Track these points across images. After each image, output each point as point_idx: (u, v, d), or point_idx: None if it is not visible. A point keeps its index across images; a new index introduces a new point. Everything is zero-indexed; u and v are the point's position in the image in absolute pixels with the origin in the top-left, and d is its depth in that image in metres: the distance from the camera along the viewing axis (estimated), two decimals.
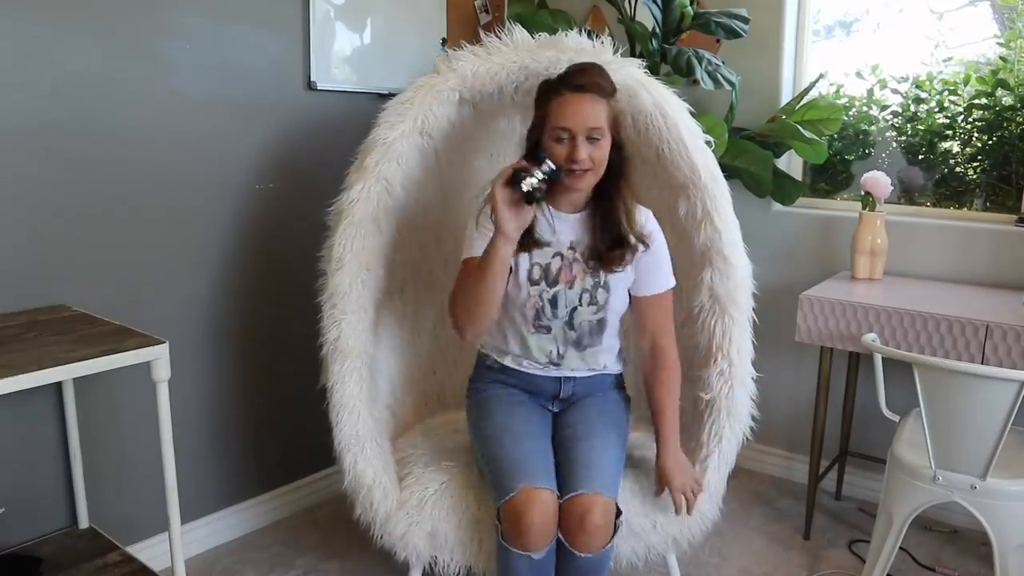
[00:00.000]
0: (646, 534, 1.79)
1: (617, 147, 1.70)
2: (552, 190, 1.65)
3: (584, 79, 1.64)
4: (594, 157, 1.64)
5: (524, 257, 1.75)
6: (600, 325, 1.79)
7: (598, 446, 1.74)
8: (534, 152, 1.67)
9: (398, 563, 1.85)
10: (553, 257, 1.75)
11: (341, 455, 1.82)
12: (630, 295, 1.82)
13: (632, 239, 1.73)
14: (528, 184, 1.53)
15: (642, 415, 2.18)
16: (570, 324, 1.78)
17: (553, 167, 1.57)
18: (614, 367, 1.90)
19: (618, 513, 1.66)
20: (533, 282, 1.75)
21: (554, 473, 1.69)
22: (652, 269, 1.79)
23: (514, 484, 1.62)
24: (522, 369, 1.84)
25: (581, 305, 1.76)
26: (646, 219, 1.79)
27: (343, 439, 1.81)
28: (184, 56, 2.05)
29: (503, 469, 1.68)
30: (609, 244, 1.73)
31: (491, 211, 1.58)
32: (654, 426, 1.81)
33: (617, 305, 1.79)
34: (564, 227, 1.76)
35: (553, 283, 1.75)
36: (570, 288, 1.76)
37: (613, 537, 1.65)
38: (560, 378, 1.84)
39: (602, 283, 1.76)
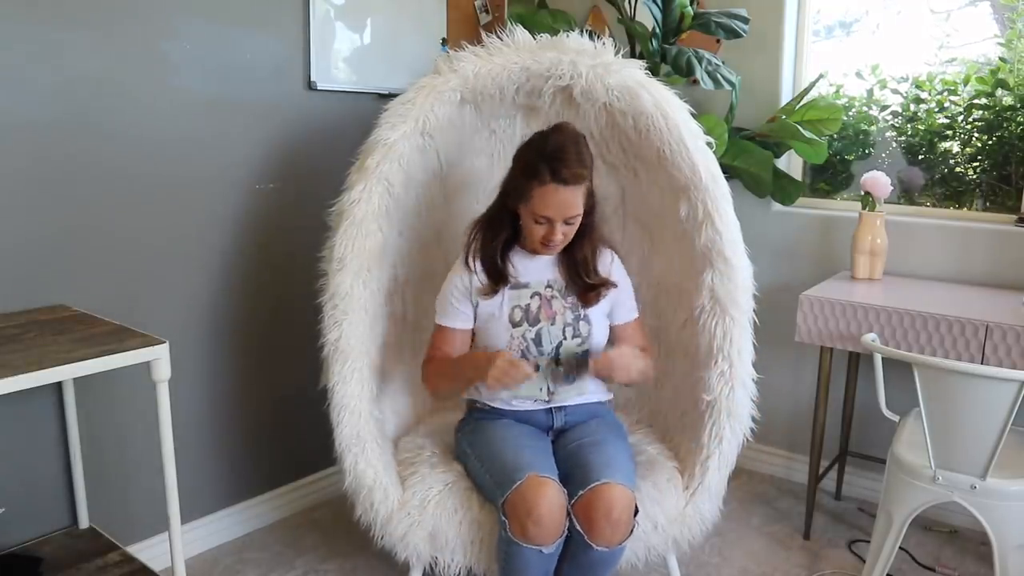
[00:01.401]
0: (646, 535, 1.78)
1: (588, 212, 1.79)
2: (523, 240, 1.82)
3: (569, 172, 1.67)
4: (567, 234, 1.76)
5: (504, 302, 1.83)
6: (586, 356, 1.84)
7: (610, 447, 1.76)
8: (503, 202, 1.80)
9: (399, 563, 1.85)
10: (532, 297, 1.84)
11: (342, 455, 1.82)
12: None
13: (596, 282, 1.84)
14: None
15: (639, 418, 2.18)
16: (556, 360, 1.83)
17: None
18: (603, 394, 1.94)
19: (635, 511, 1.66)
20: (515, 324, 1.82)
21: (558, 477, 1.69)
22: (623, 300, 1.91)
23: (519, 475, 1.62)
24: (513, 408, 1.87)
25: (566, 339, 1.82)
26: (611, 260, 1.91)
27: (344, 439, 1.81)
28: (184, 56, 2.05)
29: (506, 464, 1.68)
30: (582, 285, 1.84)
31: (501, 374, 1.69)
32: None
33: (599, 335, 1.86)
34: (538, 268, 1.86)
35: (535, 322, 1.82)
36: (552, 324, 1.82)
37: (630, 535, 1.65)
38: (551, 409, 1.88)
39: (582, 316, 1.84)
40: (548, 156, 1.68)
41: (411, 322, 2.17)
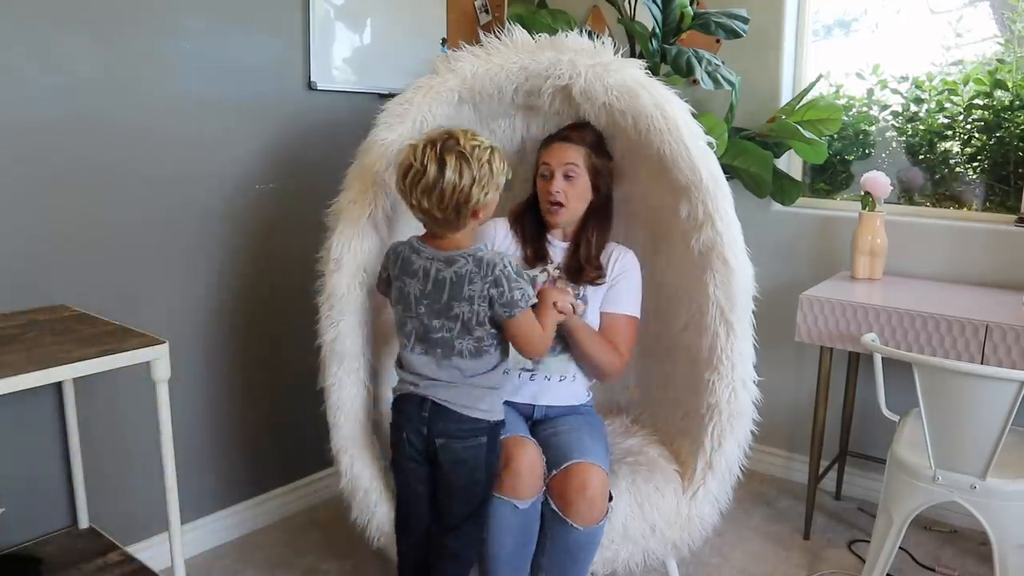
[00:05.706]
0: (644, 539, 1.78)
1: (597, 190, 1.91)
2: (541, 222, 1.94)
3: (569, 131, 1.92)
4: (567, 193, 1.86)
5: None
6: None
7: (586, 436, 1.80)
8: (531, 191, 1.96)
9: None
10: (540, 272, 1.91)
11: (338, 457, 1.82)
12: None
13: (594, 269, 1.90)
14: None
15: (635, 418, 2.18)
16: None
17: None
18: (583, 395, 1.96)
19: (609, 497, 1.69)
20: None
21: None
22: (621, 291, 1.92)
23: (502, 433, 1.67)
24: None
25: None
26: (623, 254, 1.95)
27: (340, 441, 1.81)
28: (184, 56, 2.05)
29: None
30: (585, 267, 1.90)
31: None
32: None
33: (593, 319, 1.89)
34: (556, 251, 1.96)
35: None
36: None
37: (605, 516, 1.67)
38: (533, 406, 1.90)
39: (581, 296, 1.88)
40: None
41: None
